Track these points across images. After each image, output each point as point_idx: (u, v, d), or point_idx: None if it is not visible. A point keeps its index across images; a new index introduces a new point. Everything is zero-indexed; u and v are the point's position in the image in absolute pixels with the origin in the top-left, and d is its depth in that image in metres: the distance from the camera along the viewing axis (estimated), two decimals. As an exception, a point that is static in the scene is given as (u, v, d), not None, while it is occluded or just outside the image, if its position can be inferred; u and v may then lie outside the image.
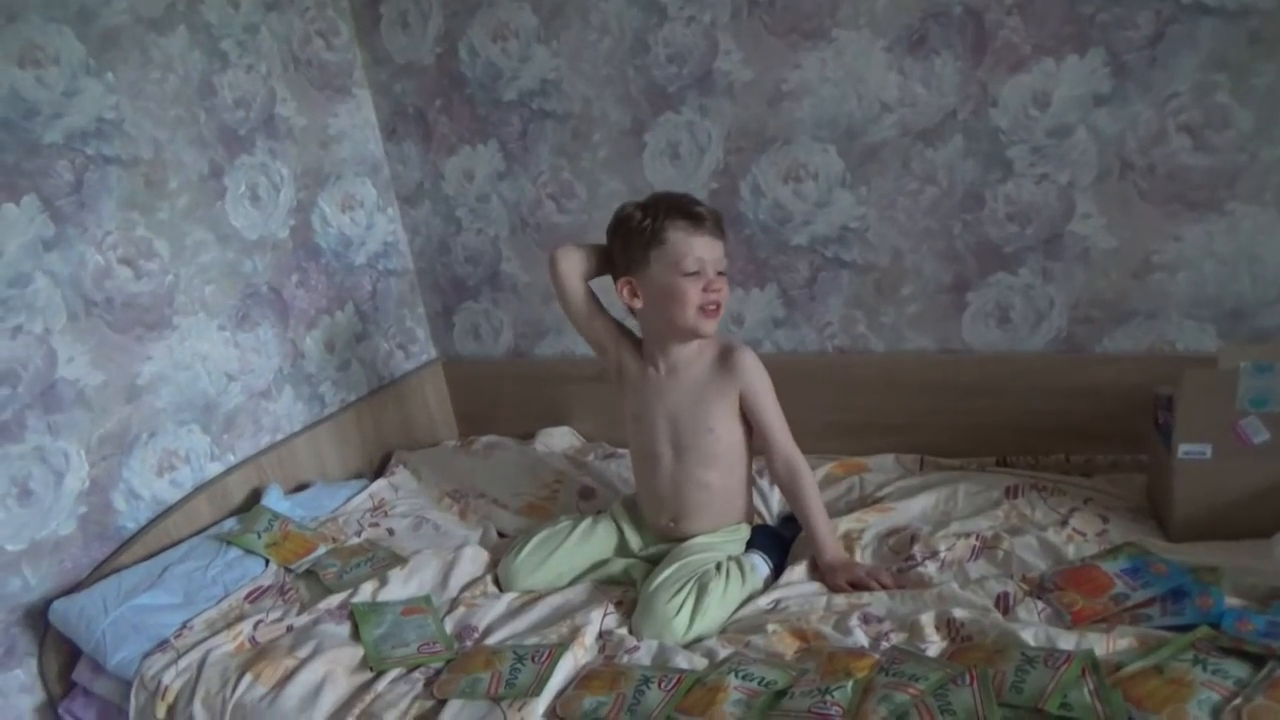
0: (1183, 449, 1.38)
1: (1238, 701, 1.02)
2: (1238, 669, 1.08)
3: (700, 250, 1.45)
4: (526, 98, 2.04)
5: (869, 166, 1.76)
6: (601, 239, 2.05)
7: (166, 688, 1.35)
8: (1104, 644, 1.16)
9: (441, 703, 1.26)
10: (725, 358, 1.53)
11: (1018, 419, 1.74)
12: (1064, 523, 1.49)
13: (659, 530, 1.59)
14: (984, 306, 1.76)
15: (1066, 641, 1.17)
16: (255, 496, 1.83)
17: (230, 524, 1.74)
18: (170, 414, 1.77)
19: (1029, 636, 1.19)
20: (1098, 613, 1.26)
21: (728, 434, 1.54)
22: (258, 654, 1.38)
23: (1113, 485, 1.59)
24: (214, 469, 1.84)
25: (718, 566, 1.47)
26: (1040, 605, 1.30)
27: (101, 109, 1.65)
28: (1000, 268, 1.72)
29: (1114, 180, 1.59)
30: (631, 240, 1.49)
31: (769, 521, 1.71)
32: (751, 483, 1.63)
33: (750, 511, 1.63)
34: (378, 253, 2.24)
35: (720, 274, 1.48)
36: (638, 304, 1.51)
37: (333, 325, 2.12)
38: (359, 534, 1.75)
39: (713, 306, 1.47)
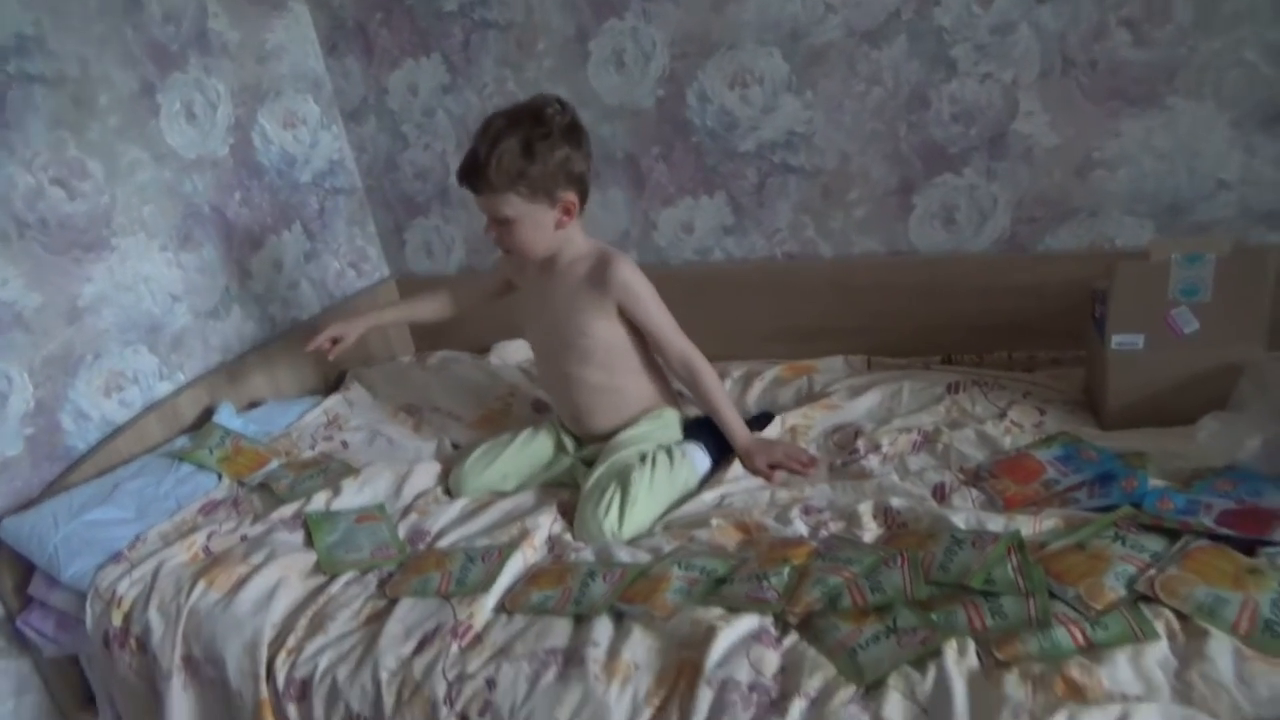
0: (1116, 340, 1.41)
1: (1152, 572, 1.06)
2: (1155, 544, 1.12)
3: (477, 203, 1.46)
4: (467, 7, 1.99)
5: (814, 69, 1.75)
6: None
7: (121, 597, 1.37)
8: (1031, 525, 1.21)
9: (394, 602, 1.29)
10: (600, 270, 1.50)
11: (963, 318, 1.77)
12: (1002, 415, 1.53)
13: (574, 428, 1.64)
14: (930, 208, 1.77)
15: (996, 525, 1.22)
16: (207, 415, 1.83)
17: (182, 442, 1.74)
18: (115, 335, 1.75)
19: (960, 521, 1.23)
20: (1029, 498, 1.31)
21: (604, 336, 1.54)
22: (212, 562, 1.40)
23: (1052, 380, 1.63)
24: (164, 389, 1.83)
25: (642, 458, 1.49)
26: (975, 493, 1.35)
27: (20, 25, 1.59)
28: (946, 169, 1.73)
29: (1056, 77, 1.59)
30: None
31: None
32: (654, 371, 1.62)
33: (669, 397, 1.64)
34: (323, 170, 2.21)
35: (501, 222, 1.45)
36: None
37: (280, 245, 2.10)
38: (313, 448, 1.75)
39: (507, 252, 1.51)
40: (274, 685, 1.24)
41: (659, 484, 1.45)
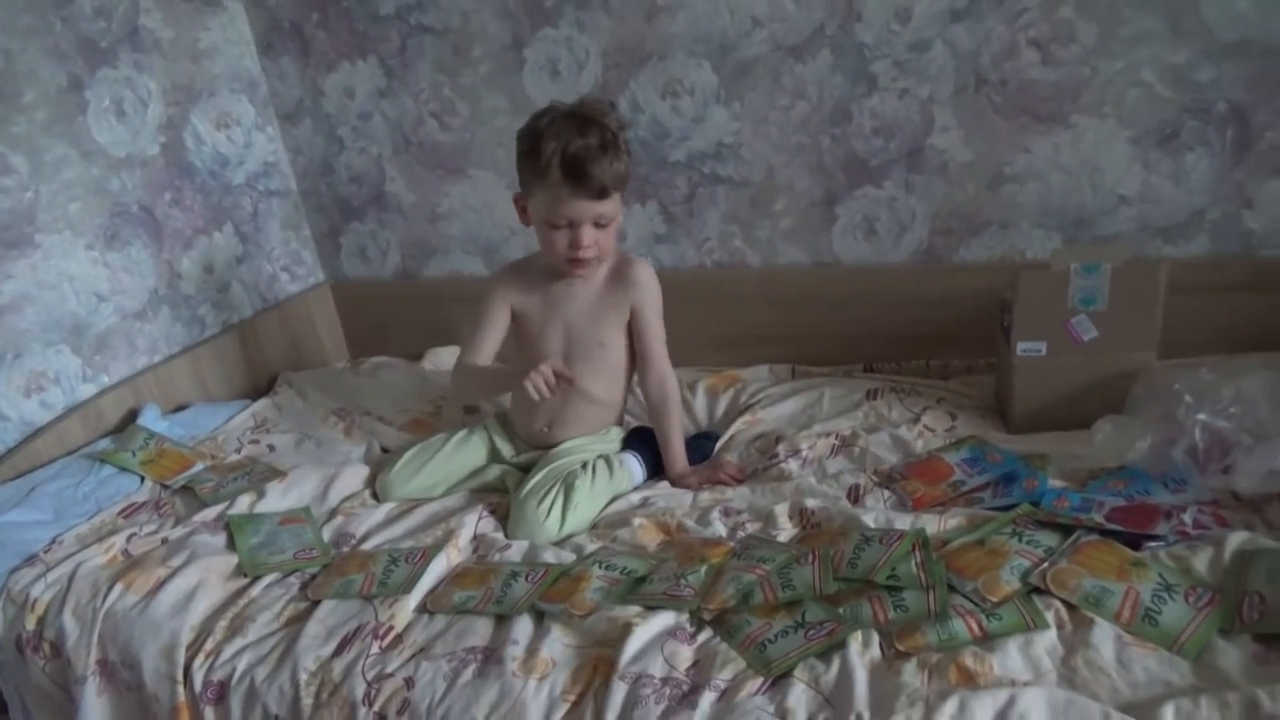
0: (1020, 347, 1.47)
1: (1044, 566, 1.12)
2: (1049, 539, 1.18)
3: (575, 211, 1.40)
4: (404, 12, 2.00)
5: (742, 82, 1.79)
6: (486, 156, 2.07)
7: (36, 600, 1.35)
8: (936, 524, 1.26)
9: (315, 604, 1.29)
10: (622, 271, 1.53)
11: (884, 328, 1.83)
12: (916, 420, 1.58)
13: (530, 437, 1.63)
14: (852, 219, 1.83)
15: (903, 523, 1.26)
16: (132, 418, 1.81)
17: (104, 444, 1.72)
18: (36, 334, 1.72)
19: (870, 520, 1.28)
20: (936, 498, 1.36)
21: (616, 348, 1.57)
22: (130, 564, 1.39)
23: (965, 386, 1.70)
24: (87, 390, 1.81)
25: (584, 465, 1.52)
26: (887, 494, 1.40)
27: (-59, 14, 1.57)
28: (867, 181, 1.78)
29: (970, 94, 1.66)
30: (525, 160, 1.42)
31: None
32: (629, 391, 1.67)
33: (621, 416, 1.68)
34: (257, 172, 2.19)
35: (600, 226, 1.42)
36: (526, 222, 1.50)
37: (211, 246, 2.08)
38: (239, 451, 1.74)
39: (578, 261, 1.45)
40: (191, 688, 1.23)
41: (599, 489, 1.49)
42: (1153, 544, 1.14)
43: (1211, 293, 1.58)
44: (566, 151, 1.35)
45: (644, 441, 1.63)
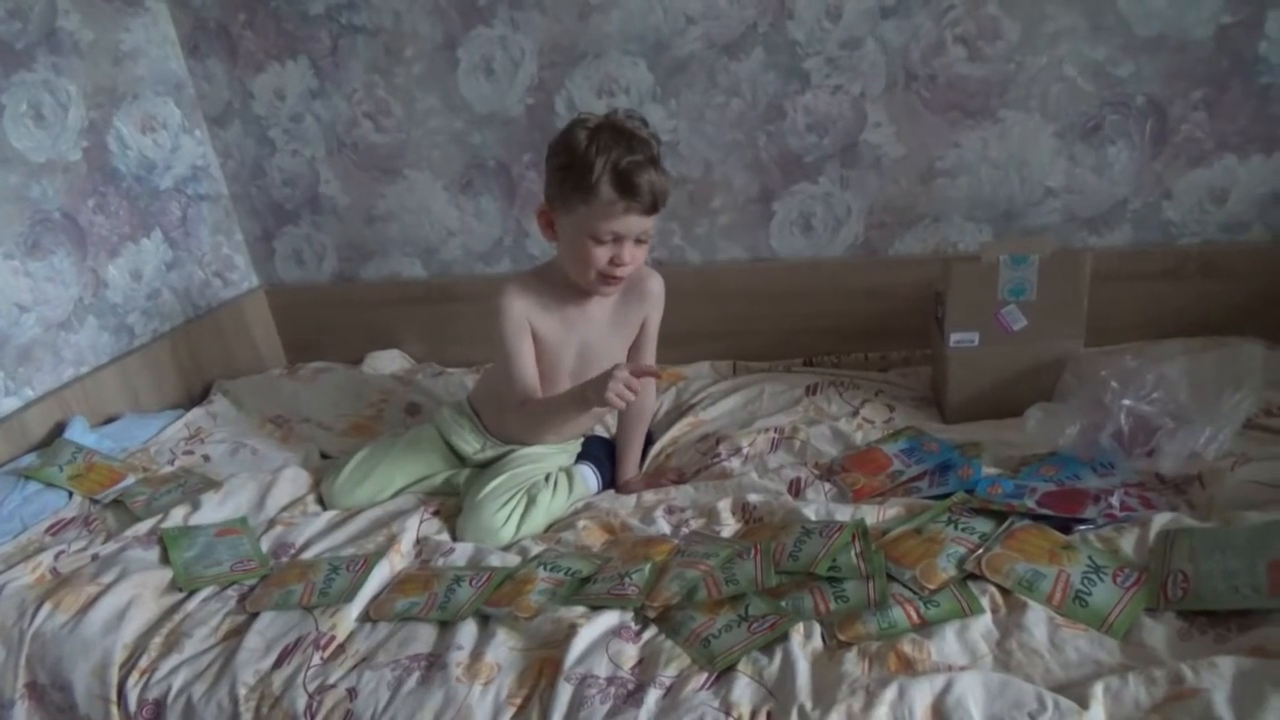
0: (953, 338, 1.50)
1: (980, 552, 1.14)
2: (984, 525, 1.20)
3: (625, 226, 1.34)
4: (335, 11, 1.96)
5: (677, 80, 1.80)
6: (422, 156, 2.04)
7: (-42, 626, 1.30)
8: (876, 514, 1.28)
9: (254, 616, 1.26)
10: (636, 283, 1.49)
11: (822, 321, 1.86)
12: (855, 413, 1.61)
13: (504, 433, 1.59)
14: (789, 215, 1.85)
15: (844, 515, 1.28)
16: (58, 431, 1.75)
17: (29, 459, 1.66)
18: (-46, 349, 1.66)
19: (811, 512, 1.29)
20: (876, 489, 1.38)
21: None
22: (59, 583, 1.34)
23: (903, 378, 1.73)
24: (10, 404, 1.74)
25: (546, 477, 1.51)
26: (827, 486, 1.41)
27: None
28: (802, 177, 1.81)
29: (900, 90, 1.69)
30: (564, 176, 1.35)
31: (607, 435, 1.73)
32: None
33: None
34: (186, 176, 2.14)
35: (640, 242, 1.38)
36: (551, 237, 1.44)
37: (138, 253, 2.02)
38: (172, 462, 1.70)
39: (614, 278, 1.40)
40: (125, 708, 1.19)
41: (557, 504, 1.48)
42: (1082, 527, 1.17)
43: (1134, 281, 1.63)
44: (619, 166, 1.30)
45: (599, 452, 1.62)
